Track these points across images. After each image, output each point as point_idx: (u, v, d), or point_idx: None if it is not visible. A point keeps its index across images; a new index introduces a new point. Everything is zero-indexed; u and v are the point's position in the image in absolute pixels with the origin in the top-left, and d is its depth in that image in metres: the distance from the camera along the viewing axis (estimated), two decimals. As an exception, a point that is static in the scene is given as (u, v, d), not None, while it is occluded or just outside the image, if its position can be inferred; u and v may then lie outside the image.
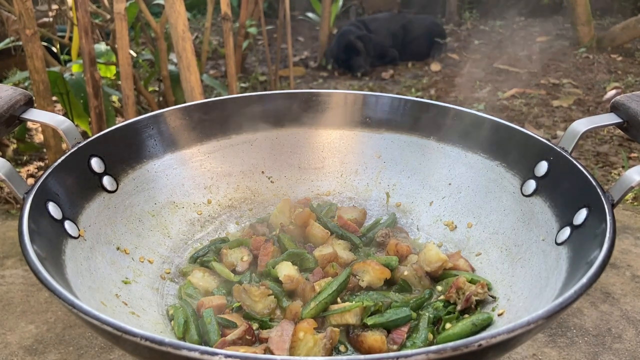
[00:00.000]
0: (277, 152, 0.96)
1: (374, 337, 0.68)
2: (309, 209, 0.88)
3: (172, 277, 0.81)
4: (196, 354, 0.46)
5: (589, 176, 0.71)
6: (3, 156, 1.73)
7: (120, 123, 0.86)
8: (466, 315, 0.71)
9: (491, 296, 0.74)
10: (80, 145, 0.78)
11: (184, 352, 0.46)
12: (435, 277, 0.79)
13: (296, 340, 0.65)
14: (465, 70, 3.37)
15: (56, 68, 2.01)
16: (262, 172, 0.96)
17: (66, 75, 1.96)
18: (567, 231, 0.70)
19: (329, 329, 0.67)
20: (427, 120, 0.92)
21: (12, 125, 0.77)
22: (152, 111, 0.92)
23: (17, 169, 1.81)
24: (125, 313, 0.68)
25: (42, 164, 2.05)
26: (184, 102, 0.94)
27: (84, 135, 2.05)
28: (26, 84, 2.33)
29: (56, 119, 0.79)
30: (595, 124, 0.77)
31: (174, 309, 0.73)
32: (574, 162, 0.74)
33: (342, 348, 0.69)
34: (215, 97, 0.94)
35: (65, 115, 1.72)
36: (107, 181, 0.81)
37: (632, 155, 2.17)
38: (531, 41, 4.02)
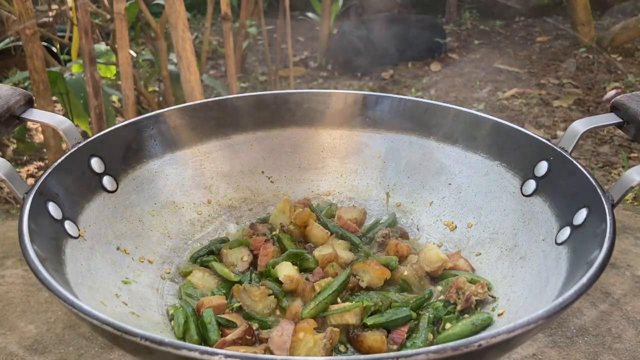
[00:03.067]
0: (277, 152, 0.96)
1: (374, 337, 0.68)
2: (309, 209, 0.88)
3: (172, 277, 0.81)
4: (196, 354, 0.46)
5: (589, 176, 0.71)
6: (3, 156, 1.73)
7: (120, 123, 0.86)
8: (466, 315, 0.71)
9: (491, 296, 0.74)
10: (80, 145, 0.78)
11: (184, 352, 0.46)
12: (435, 277, 0.79)
13: (296, 340, 0.65)
14: (465, 70, 3.37)
15: (56, 68, 2.01)
16: (262, 172, 0.96)
17: (66, 75, 1.96)
18: (567, 231, 0.70)
19: (329, 329, 0.67)
20: (427, 120, 0.92)
21: (12, 125, 0.77)
22: (152, 111, 0.92)
23: (17, 169, 1.81)
24: (125, 313, 0.68)
25: (42, 164, 2.05)
26: (184, 102, 0.94)
27: (84, 135, 2.05)
28: (26, 84, 2.33)
29: (56, 119, 0.79)
30: (595, 124, 0.77)
31: (174, 309, 0.73)
32: (574, 162, 0.74)
33: (342, 348, 0.69)
34: (215, 97, 0.94)
35: (65, 115, 1.72)
36: (107, 181, 0.81)
37: (632, 155, 2.17)
38: (531, 41, 4.02)
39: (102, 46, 2.18)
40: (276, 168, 0.96)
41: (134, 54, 2.25)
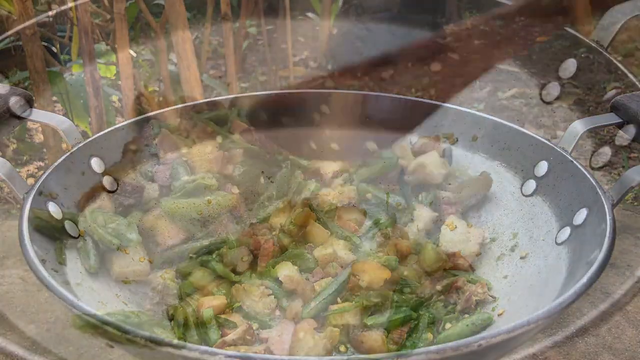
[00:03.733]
0: (277, 151, 0.96)
1: (374, 337, 0.68)
2: (309, 209, 0.88)
3: (172, 277, 0.81)
4: (196, 354, 0.46)
5: (589, 176, 0.71)
6: (3, 156, 1.73)
7: (120, 123, 0.86)
8: (466, 315, 0.71)
9: (491, 296, 0.74)
10: (80, 145, 0.78)
11: (184, 352, 0.46)
12: (435, 277, 0.79)
13: (296, 340, 0.65)
14: (465, 70, 3.37)
15: (56, 68, 2.01)
16: (262, 172, 0.96)
17: (66, 75, 1.96)
18: (567, 231, 0.70)
19: (329, 329, 0.67)
20: (427, 120, 0.92)
21: (12, 125, 0.77)
22: (152, 111, 0.92)
23: (17, 169, 1.81)
24: (126, 313, 0.68)
25: (42, 164, 2.05)
26: (184, 102, 0.94)
27: (84, 135, 2.04)
28: (26, 84, 2.33)
29: (56, 119, 0.79)
30: (595, 124, 0.77)
31: (174, 309, 0.73)
32: (574, 162, 0.74)
33: (342, 348, 0.69)
34: (215, 97, 0.94)
35: (65, 115, 1.72)
36: (107, 181, 0.81)
37: (632, 155, 2.17)
38: (531, 41, 4.01)
39: (102, 46, 2.18)
40: (276, 168, 0.96)
41: (134, 54, 2.25)
